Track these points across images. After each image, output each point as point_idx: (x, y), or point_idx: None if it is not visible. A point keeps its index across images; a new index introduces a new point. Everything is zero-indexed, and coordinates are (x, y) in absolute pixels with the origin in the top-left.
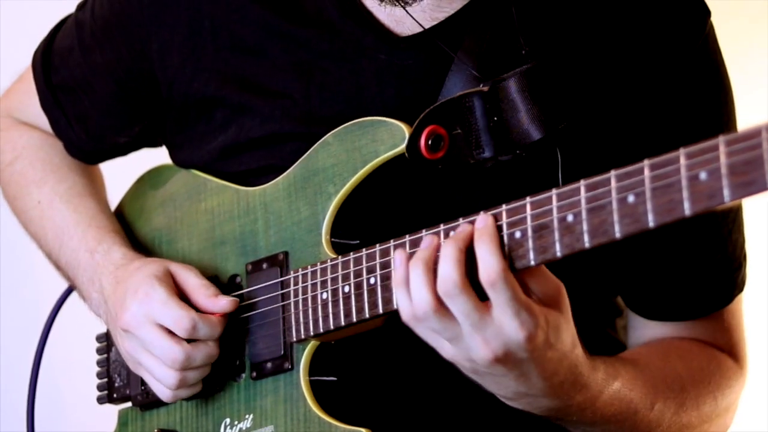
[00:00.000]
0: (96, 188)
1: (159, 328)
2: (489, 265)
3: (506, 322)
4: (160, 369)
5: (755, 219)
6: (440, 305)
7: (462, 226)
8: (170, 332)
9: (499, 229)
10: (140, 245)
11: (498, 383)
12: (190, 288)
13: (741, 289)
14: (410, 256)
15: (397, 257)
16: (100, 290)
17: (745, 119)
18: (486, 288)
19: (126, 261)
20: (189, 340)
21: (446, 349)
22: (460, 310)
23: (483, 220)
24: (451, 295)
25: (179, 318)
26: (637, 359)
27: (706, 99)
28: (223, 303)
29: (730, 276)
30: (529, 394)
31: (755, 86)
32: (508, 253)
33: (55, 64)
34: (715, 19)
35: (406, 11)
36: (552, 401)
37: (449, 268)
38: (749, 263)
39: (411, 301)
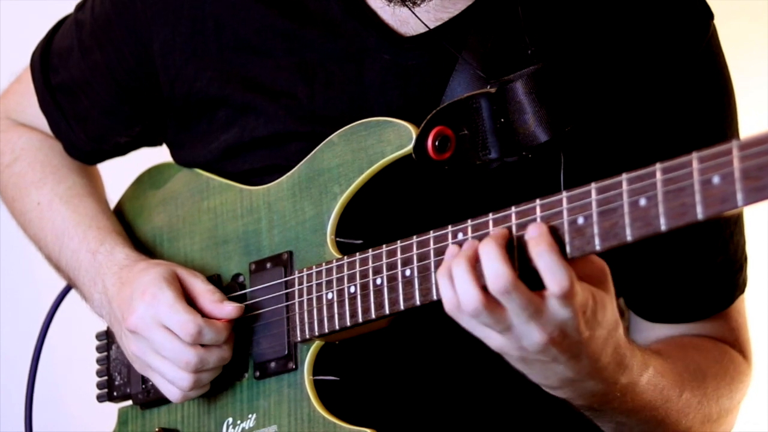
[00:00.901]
0: (96, 188)
1: (168, 330)
2: (560, 278)
3: (560, 308)
4: (173, 371)
5: (755, 219)
6: (490, 301)
7: (494, 228)
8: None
9: (508, 231)
10: (140, 244)
11: (546, 370)
12: (196, 292)
13: (742, 290)
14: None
15: (450, 250)
16: (104, 291)
17: (745, 119)
18: (554, 297)
19: (130, 262)
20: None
21: (494, 339)
22: (517, 305)
23: (537, 229)
24: (508, 291)
25: (185, 322)
26: (659, 349)
27: (709, 101)
28: (229, 309)
29: (732, 277)
30: (575, 379)
31: (755, 86)
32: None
33: (54, 65)
34: (716, 20)
35: (412, 11)
36: (598, 384)
37: (499, 266)
38: (750, 264)
39: (456, 293)
